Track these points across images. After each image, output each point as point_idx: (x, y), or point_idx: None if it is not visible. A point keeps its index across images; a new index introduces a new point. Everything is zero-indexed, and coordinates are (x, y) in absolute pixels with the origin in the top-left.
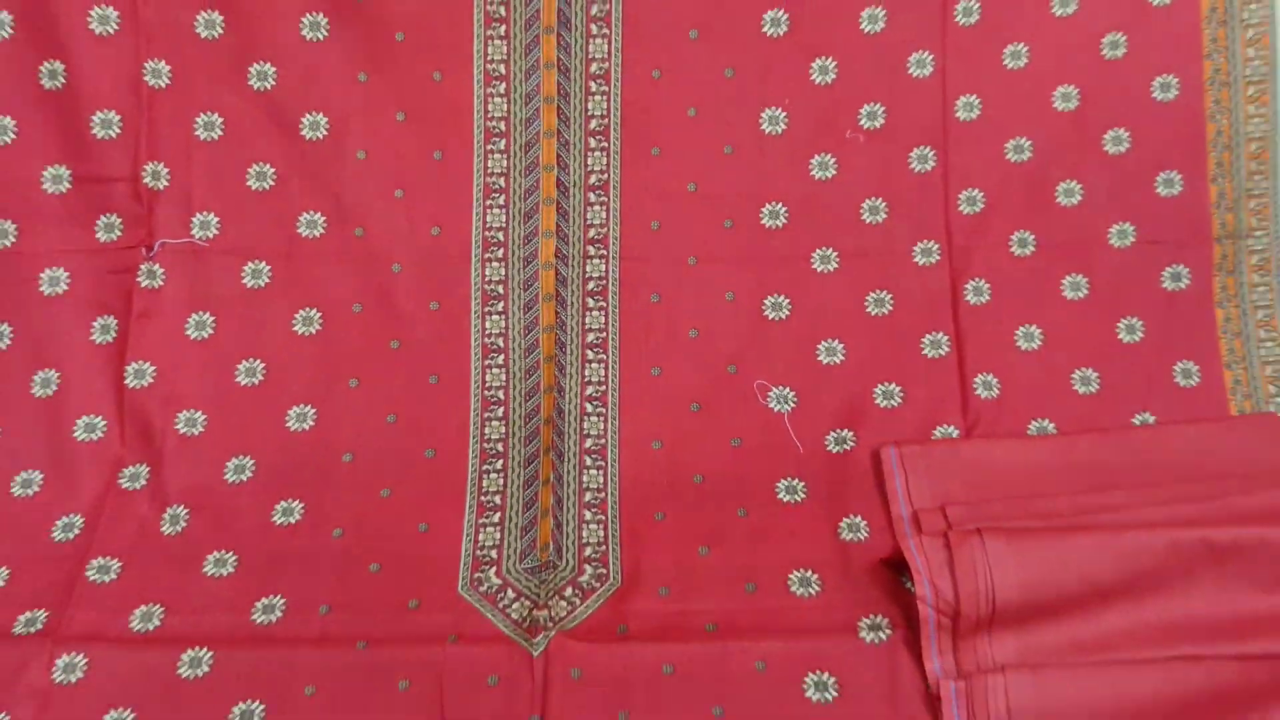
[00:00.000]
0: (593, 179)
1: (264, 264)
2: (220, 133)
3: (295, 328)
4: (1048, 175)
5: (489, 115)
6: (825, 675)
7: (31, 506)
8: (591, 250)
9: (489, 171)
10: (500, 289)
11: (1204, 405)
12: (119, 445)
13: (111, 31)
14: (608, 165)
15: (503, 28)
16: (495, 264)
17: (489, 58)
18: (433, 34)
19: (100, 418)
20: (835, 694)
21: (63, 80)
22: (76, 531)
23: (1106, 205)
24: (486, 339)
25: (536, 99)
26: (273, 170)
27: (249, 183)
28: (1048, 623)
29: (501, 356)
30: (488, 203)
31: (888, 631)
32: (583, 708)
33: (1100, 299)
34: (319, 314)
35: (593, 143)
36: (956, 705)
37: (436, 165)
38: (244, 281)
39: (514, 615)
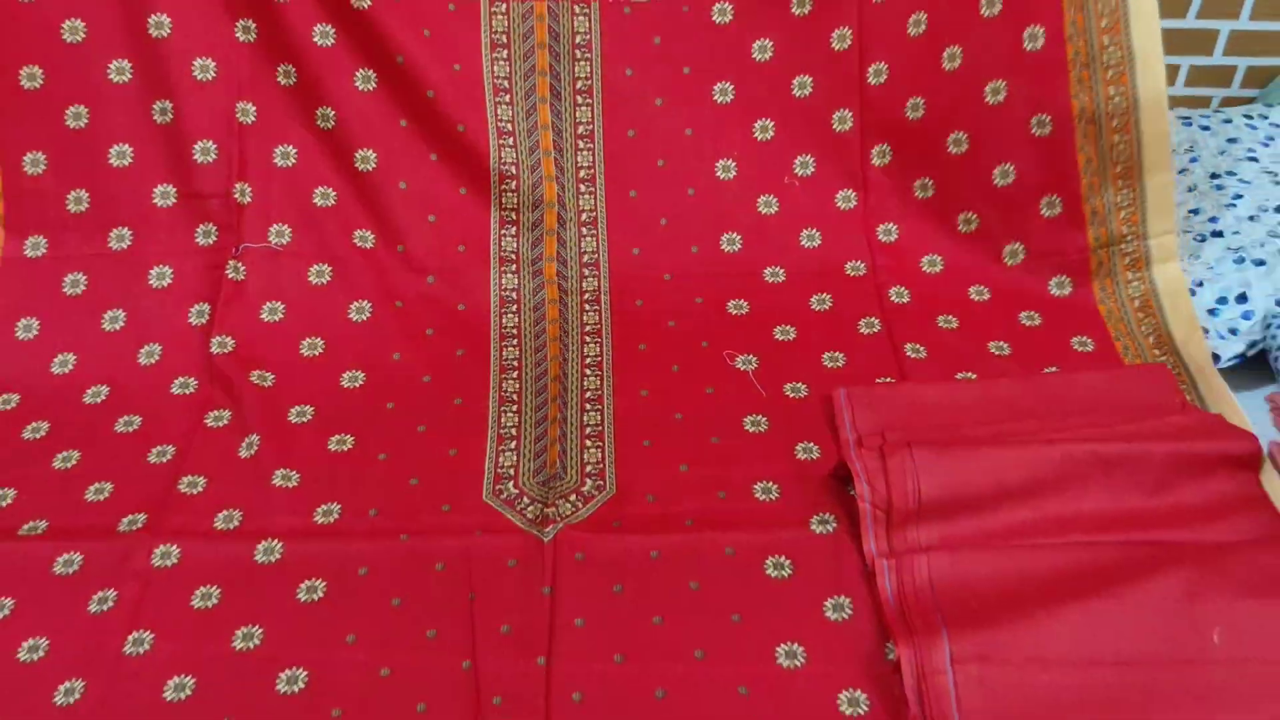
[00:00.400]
0: (584, 215)
1: (326, 266)
2: (294, 161)
3: (349, 315)
4: (948, 207)
5: (501, 161)
6: (782, 558)
7: (134, 440)
8: (586, 271)
9: (503, 206)
10: (514, 294)
11: (1101, 365)
12: (205, 396)
13: (210, 79)
14: (595, 204)
15: (508, 97)
16: (510, 275)
17: (499, 118)
18: (456, 97)
19: (192, 378)
20: (790, 572)
21: (170, 117)
22: (170, 456)
23: (999, 232)
24: (503, 329)
25: (537, 152)
26: (334, 193)
27: (315, 201)
28: (964, 516)
29: (515, 340)
30: (502, 231)
31: (834, 525)
32: (584, 582)
33: (1001, 301)
34: (369, 305)
35: (583, 187)
36: (888, 577)
37: (461, 198)
38: (309, 279)
39: (528, 515)
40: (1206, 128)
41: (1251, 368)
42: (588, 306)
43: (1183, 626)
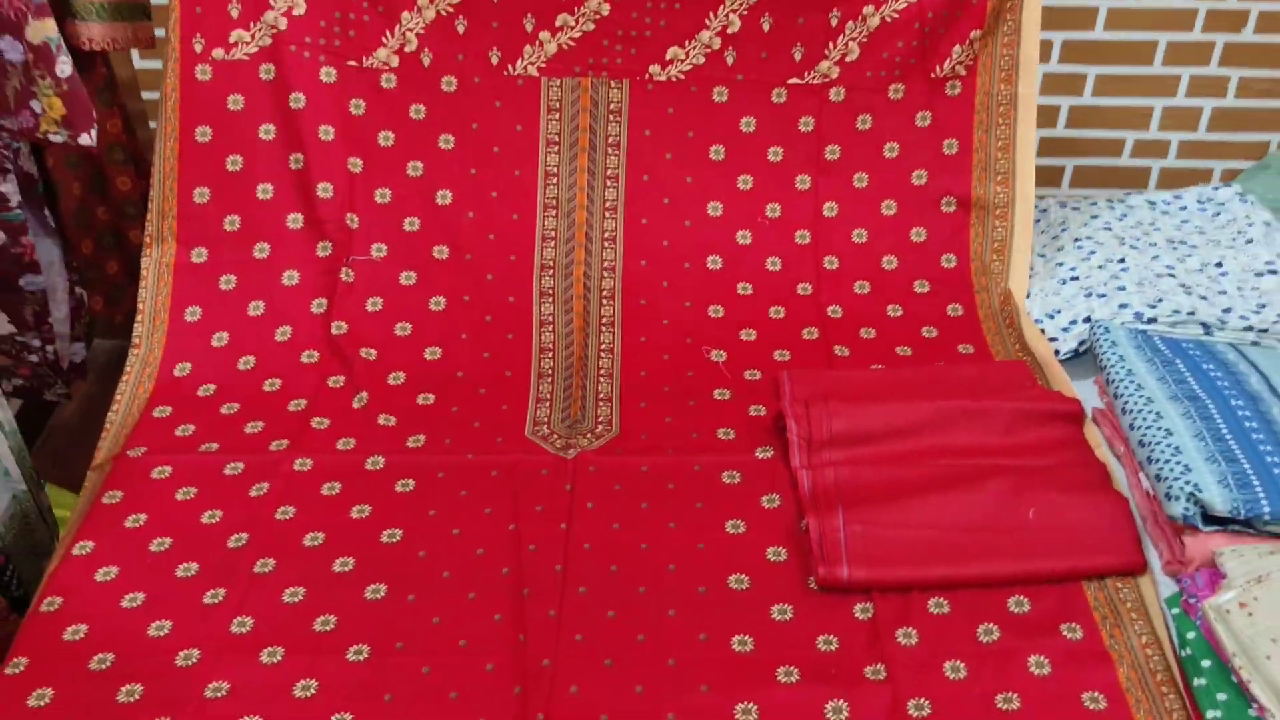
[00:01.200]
0: (607, 234)
1: (412, 272)
2: (389, 199)
3: (429, 307)
4: (877, 251)
5: (546, 196)
6: (734, 472)
7: (276, 397)
8: (605, 275)
9: (545, 227)
10: (550, 292)
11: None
12: (326, 365)
13: (330, 139)
14: (616, 226)
15: (556, 148)
16: (548, 278)
17: (548, 164)
18: (515, 150)
19: (316, 351)
20: (739, 479)
21: (301, 164)
22: (303, 406)
23: (912, 273)
24: (542, 318)
25: (574, 188)
26: (419, 221)
27: (405, 228)
28: (862, 445)
29: (551, 327)
30: (544, 245)
31: (771, 453)
32: (594, 483)
33: (910, 319)
34: (444, 299)
35: (607, 214)
36: (805, 479)
37: (515, 223)
38: (400, 281)
39: (556, 445)
40: (1077, 208)
41: (1084, 361)
42: (605, 302)
43: (1010, 507)
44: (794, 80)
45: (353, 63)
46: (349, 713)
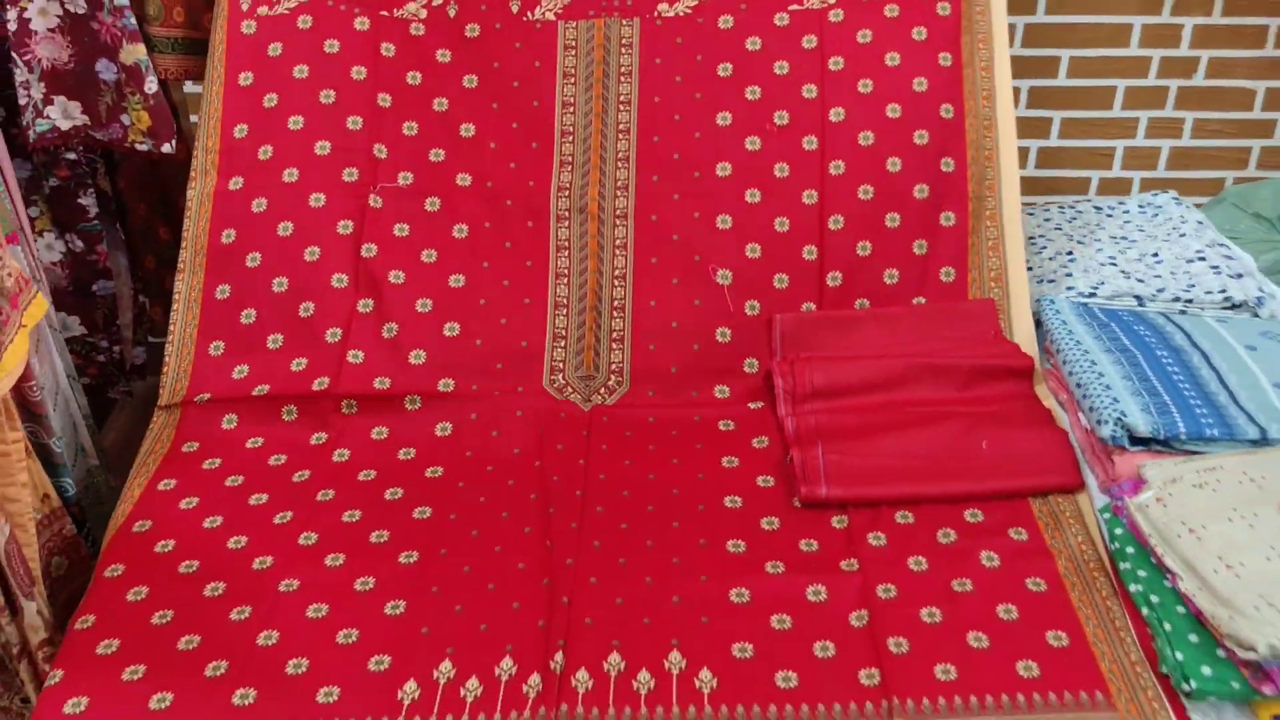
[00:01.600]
0: (620, 154)
1: (437, 199)
2: (416, 132)
3: (453, 234)
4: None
5: (564, 124)
6: (729, 420)
7: (312, 321)
8: (619, 194)
9: (562, 153)
10: (567, 214)
11: (956, 292)
12: (356, 290)
13: (362, 78)
14: (629, 146)
15: (572, 80)
16: (564, 200)
17: (564, 94)
18: (534, 82)
19: (345, 275)
20: (734, 426)
21: (333, 99)
22: (339, 338)
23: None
24: (559, 242)
25: (590, 114)
26: (444, 152)
27: (430, 158)
28: (841, 397)
29: (567, 252)
30: (561, 170)
31: (761, 405)
32: (607, 429)
33: (907, 230)
34: (467, 226)
35: (621, 136)
36: (790, 424)
37: (534, 150)
38: (425, 207)
39: (574, 398)
40: (1033, 213)
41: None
42: (618, 223)
43: (966, 441)
44: (795, 6)
45: (384, 13)
46: (403, 600)
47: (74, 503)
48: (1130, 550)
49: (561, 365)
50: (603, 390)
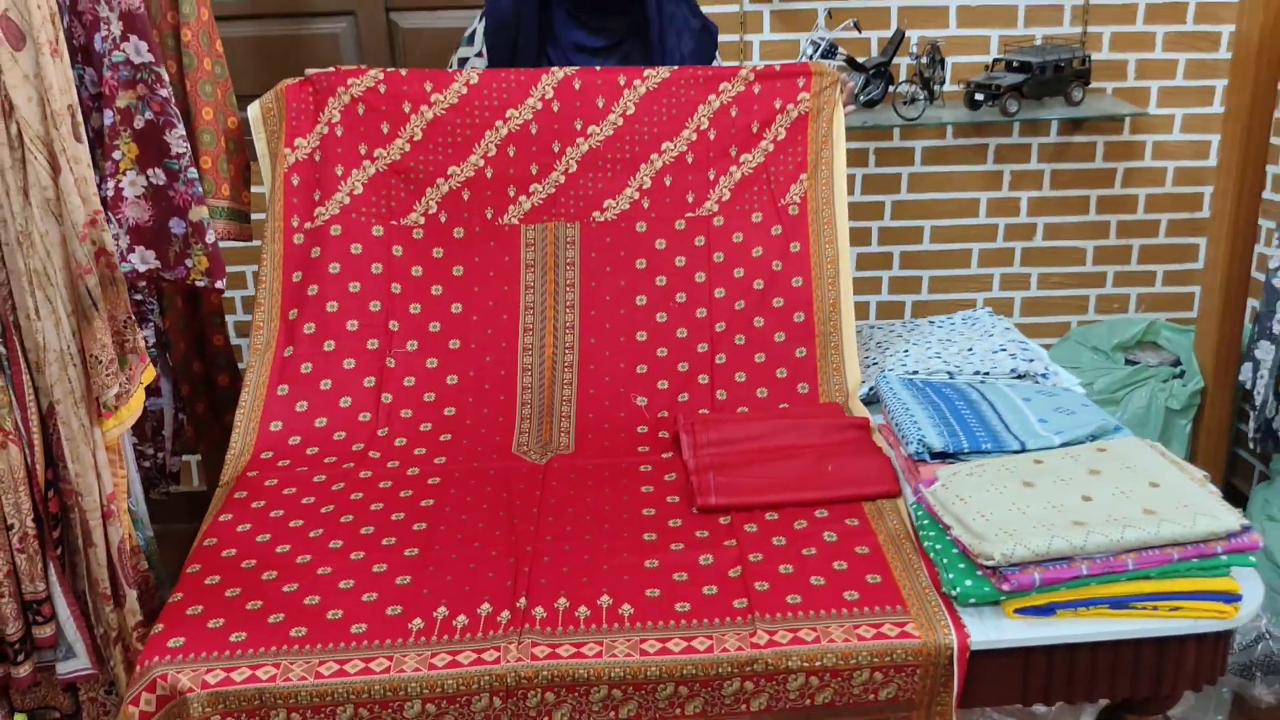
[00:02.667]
0: (567, 324)
1: (435, 359)
2: (420, 311)
3: (446, 382)
4: (750, 314)
5: (526, 301)
6: (648, 465)
7: (343, 442)
8: (566, 351)
9: (525, 322)
10: (529, 366)
11: (811, 399)
12: (375, 423)
13: (379, 272)
14: (574, 318)
15: (532, 270)
16: (527, 357)
17: (526, 280)
18: (503, 271)
19: (368, 413)
20: (651, 469)
21: (359, 289)
22: (362, 447)
23: (774, 325)
24: (523, 384)
25: (544, 294)
26: (439, 324)
27: (429, 330)
28: (727, 445)
29: (530, 390)
30: (524, 334)
31: (671, 454)
32: (559, 476)
33: (771, 362)
34: (456, 376)
35: (567, 310)
36: (692, 461)
37: (504, 321)
38: (426, 366)
39: (533, 458)
40: (879, 328)
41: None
42: (566, 370)
43: (817, 466)
44: (689, 215)
45: (394, 222)
46: (409, 575)
47: (143, 551)
48: (925, 521)
49: (525, 440)
50: (554, 448)
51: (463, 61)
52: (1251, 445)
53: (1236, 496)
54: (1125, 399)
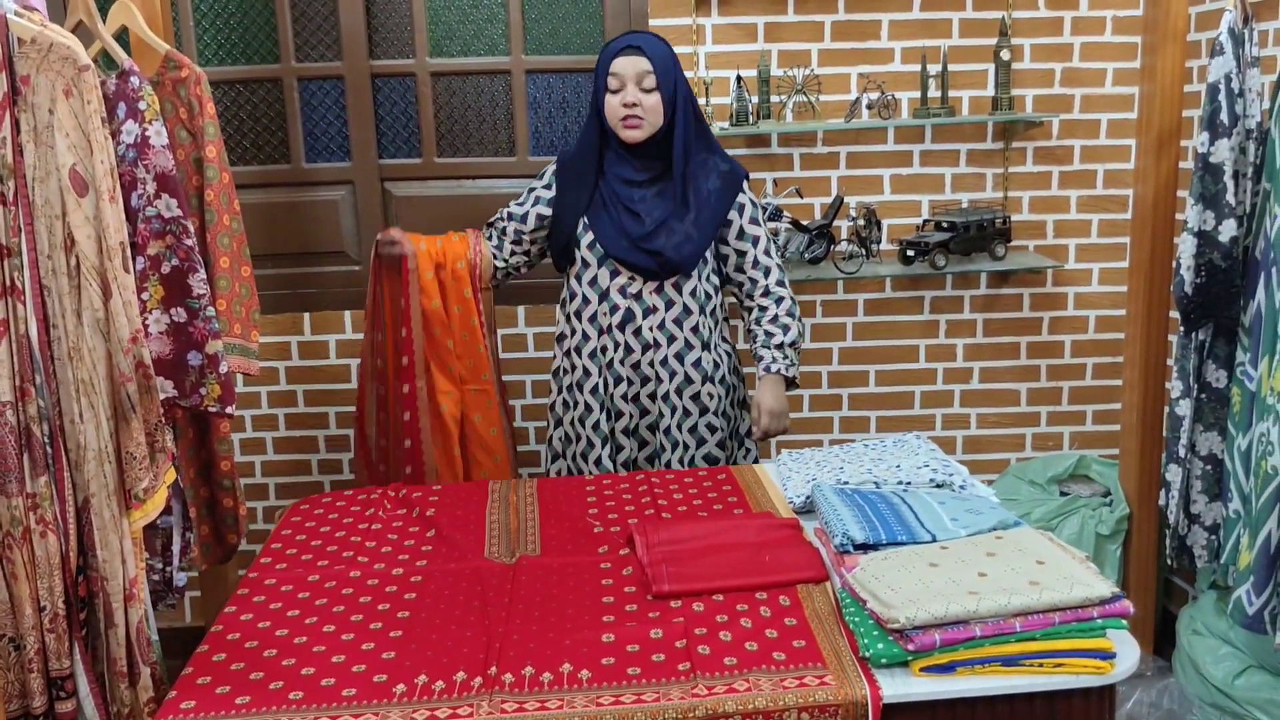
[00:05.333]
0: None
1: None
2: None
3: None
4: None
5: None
6: (608, 563)
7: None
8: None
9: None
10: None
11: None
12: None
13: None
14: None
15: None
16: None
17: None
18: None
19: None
20: (610, 566)
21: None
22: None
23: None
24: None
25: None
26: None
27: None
28: (676, 544)
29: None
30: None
31: (628, 552)
32: (528, 574)
33: (705, 504)
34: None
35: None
36: (646, 556)
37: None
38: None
39: (504, 561)
40: (822, 448)
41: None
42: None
43: (755, 557)
44: None
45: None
46: (393, 651)
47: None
48: (847, 598)
49: (495, 549)
50: (521, 551)
51: (530, 190)
52: (1170, 563)
53: (1167, 618)
54: (1059, 527)
